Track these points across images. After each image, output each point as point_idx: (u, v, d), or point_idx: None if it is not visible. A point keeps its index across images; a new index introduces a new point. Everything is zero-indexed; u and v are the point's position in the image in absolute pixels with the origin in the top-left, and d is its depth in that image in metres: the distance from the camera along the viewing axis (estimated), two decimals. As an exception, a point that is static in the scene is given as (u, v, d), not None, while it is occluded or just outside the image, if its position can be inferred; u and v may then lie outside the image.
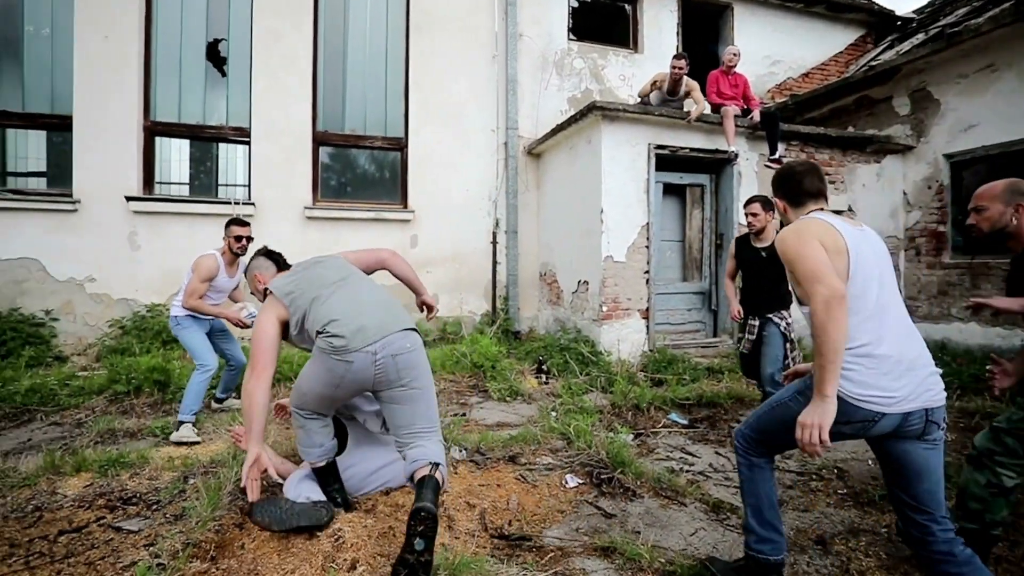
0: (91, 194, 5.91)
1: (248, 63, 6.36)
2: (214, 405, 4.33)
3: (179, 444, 3.52)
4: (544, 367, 5.37)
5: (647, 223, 5.43)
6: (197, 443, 3.54)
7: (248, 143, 6.40)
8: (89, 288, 5.98)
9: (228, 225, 3.95)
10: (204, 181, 7.52)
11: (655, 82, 5.76)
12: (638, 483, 2.88)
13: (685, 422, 4.03)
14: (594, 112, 5.25)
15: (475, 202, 6.92)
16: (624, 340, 5.48)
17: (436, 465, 2.19)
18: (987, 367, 2.19)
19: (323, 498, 2.37)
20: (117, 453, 3.14)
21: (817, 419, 1.63)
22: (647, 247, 5.48)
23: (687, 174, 6.02)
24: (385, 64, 6.92)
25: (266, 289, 2.54)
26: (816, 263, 1.67)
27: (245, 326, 3.82)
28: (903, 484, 1.79)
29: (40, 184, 6.15)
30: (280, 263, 2.79)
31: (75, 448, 3.48)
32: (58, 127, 5.98)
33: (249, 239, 3.95)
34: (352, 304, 2.34)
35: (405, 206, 6.79)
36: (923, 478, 1.76)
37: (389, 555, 2.05)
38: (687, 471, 3.13)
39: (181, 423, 3.64)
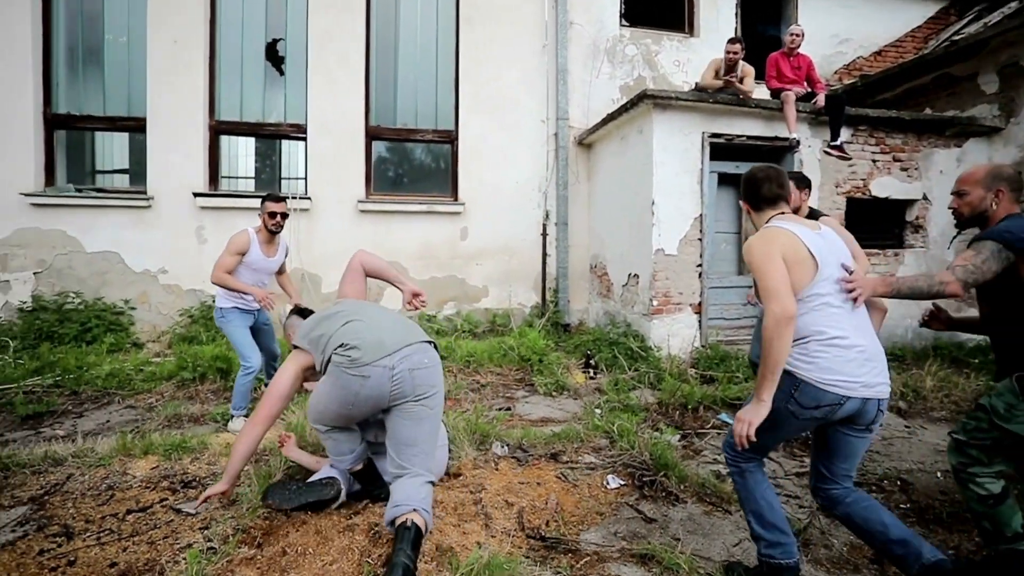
0: (163, 191, 6.27)
1: (304, 61, 6.55)
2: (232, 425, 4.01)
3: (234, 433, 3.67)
4: (592, 362, 5.31)
5: (700, 215, 5.24)
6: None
7: (305, 139, 6.60)
8: (162, 279, 6.37)
9: (263, 201, 3.80)
10: (268, 176, 7.82)
11: (716, 69, 5.52)
12: (682, 487, 2.81)
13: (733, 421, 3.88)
14: (645, 101, 5.09)
15: (525, 194, 6.89)
16: (675, 335, 5.33)
17: (426, 513, 2.10)
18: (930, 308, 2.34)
19: (334, 475, 2.48)
20: (180, 438, 3.34)
21: (749, 417, 1.85)
22: (700, 240, 5.29)
23: (744, 163, 5.75)
24: (435, 57, 6.96)
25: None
26: (776, 282, 1.84)
27: (270, 307, 3.78)
28: (827, 460, 2.03)
29: (125, 181, 6.57)
30: (305, 316, 2.82)
31: (145, 431, 3.73)
32: (134, 128, 6.36)
33: (284, 215, 3.81)
34: (369, 322, 2.38)
35: (455, 198, 6.84)
36: (847, 459, 1.99)
37: (424, 553, 2.08)
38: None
39: (233, 416, 3.79)
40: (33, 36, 6.09)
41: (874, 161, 5.82)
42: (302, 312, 2.91)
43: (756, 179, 2.14)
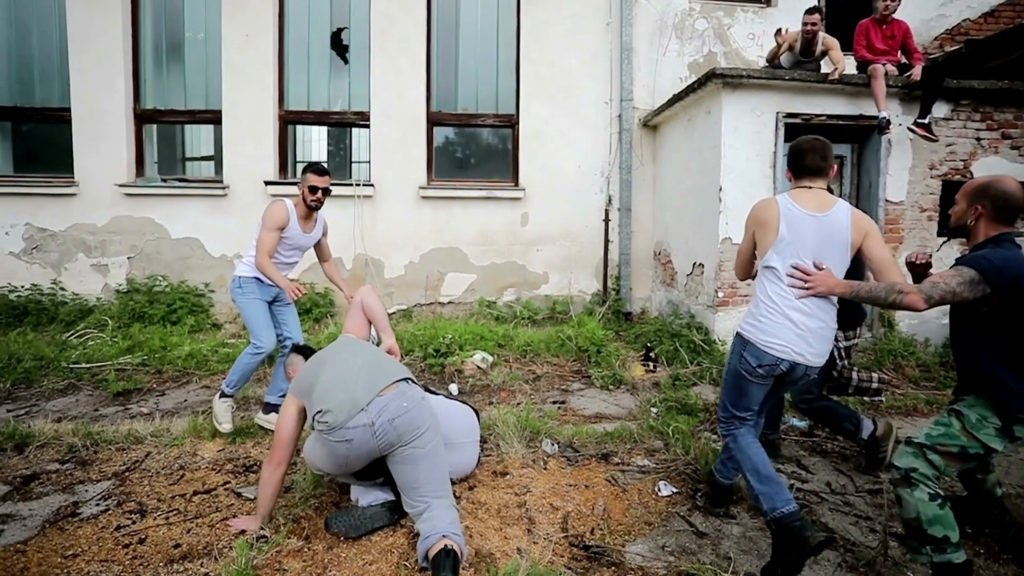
0: (237, 180, 6.57)
1: (367, 49, 6.62)
2: (260, 417, 3.65)
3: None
4: (652, 354, 5.13)
5: (772, 201, 4.89)
6: (227, 430, 3.32)
7: (368, 126, 6.70)
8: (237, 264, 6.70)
9: (304, 171, 3.41)
10: (340, 163, 8.03)
11: (785, 43, 5.09)
12: (737, 499, 2.65)
13: (804, 425, 3.64)
14: (713, 80, 4.77)
15: (587, 178, 6.70)
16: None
17: (457, 537, 2.02)
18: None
19: (392, 498, 2.43)
20: (243, 422, 3.51)
21: None
22: (772, 228, 4.94)
23: (825, 144, 5.32)
24: (496, 40, 6.84)
25: None
26: (740, 252, 2.53)
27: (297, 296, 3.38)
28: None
29: (211, 168, 6.92)
30: (307, 355, 2.78)
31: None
32: (212, 121, 6.68)
33: (326, 191, 3.41)
34: (337, 375, 2.32)
35: (516, 184, 6.76)
36: (768, 397, 2.39)
37: (465, 558, 2.06)
38: (797, 489, 2.81)
39: (221, 394, 3.39)
40: (123, 37, 6.49)
41: (978, 139, 5.21)
42: (302, 351, 2.89)
43: (802, 149, 2.30)
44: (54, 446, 3.34)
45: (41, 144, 7.03)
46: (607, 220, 6.68)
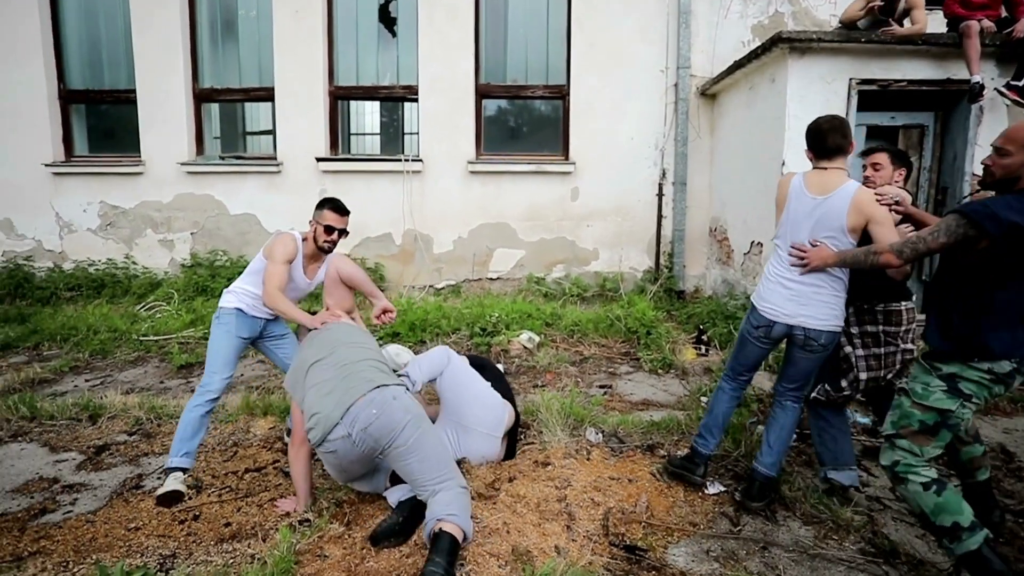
0: (290, 156, 6.68)
1: (415, 20, 6.50)
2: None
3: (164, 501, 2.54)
4: (704, 337, 4.94)
5: (842, 176, 4.52)
6: (181, 497, 2.56)
7: (416, 99, 6.63)
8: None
9: (320, 207, 2.89)
10: (391, 137, 8.00)
11: (866, 4, 4.62)
12: (789, 502, 2.51)
13: (867, 421, 3.40)
14: (779, 45, 4.39)
15: (640, 151, 6.42)
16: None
17: (452, 516, 2.01)
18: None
19: None
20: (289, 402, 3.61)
21: None
22: (841, 205, 4.58)
23: (902, 113, 4.84)
24: (547, 6, 6.56)
25: None
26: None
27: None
28: (783, 370, 2.59)
29: (270, 145, 7.03)
30: None
31: (268, 389, 4.10)
32: (265, 98, 6.79)
33: (343, 233, 2.93)
34: (316, 387, 2.32)
35: (566, 157, 6.57)
36: (790, 367, 2.52)
37: (500, 555, 2.05)
38: (858, 493, 2.64)
39: (168, 470, 2.61)
40: (181, 17, 6.63)
41: (1087, 104, 4.61)
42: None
43: (821, 129, 2.36)
44: (123, 418, 3.55)
45: (112, 125, 7.36)
46: (660, 195, 6.41)
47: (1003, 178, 1.89)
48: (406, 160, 6.52)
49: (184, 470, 2.60)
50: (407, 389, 2.40)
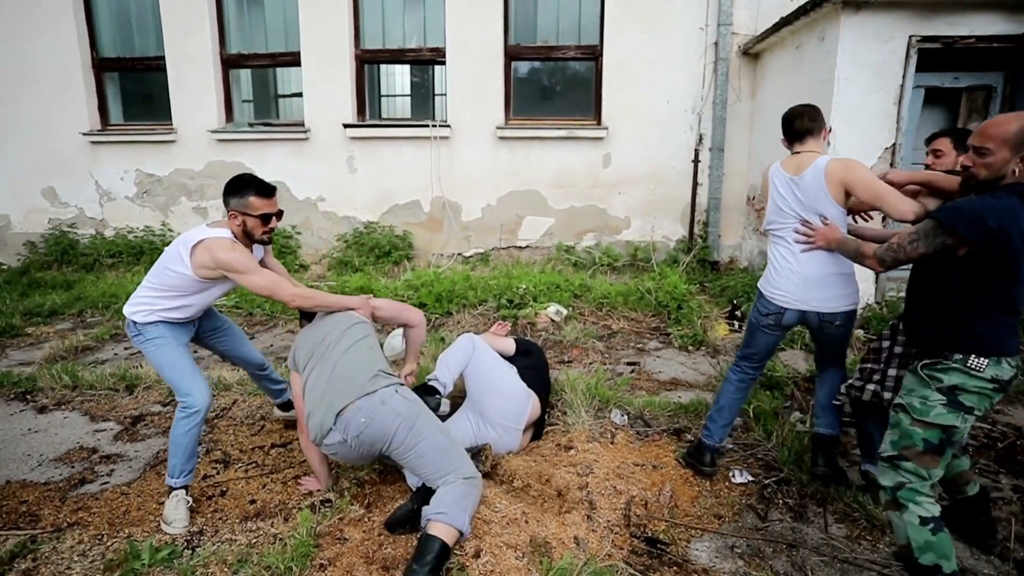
0: (317, 123, 6.62)
1: (442, -22, 6.25)
2: (278, 413, 3.17)
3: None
4: (738, 312, 4.77)
5: (894, 144, 4.20)
6: (177, 530, 2.28)
7: (444, 62, 6.43)
8: (320, 207, 6.89)
9: (238, 193, 2.32)
10: (422, 98, 7.84)
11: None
12: (822, 497, 2.41)
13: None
14: (830, 1, 4.04)
15: (676, 115, 6.12)
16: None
17: (441, 516, 1.96)
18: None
19: None
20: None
21: None
22: (892, 175, 4.28)
23: (966, 74, 4.44)
24: (580, -40, 6.22)
25: None
26: None
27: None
28: (816, 353, 2.61)
29: (299, 109, 6.98)
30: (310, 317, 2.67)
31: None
32: (291, 63, 6.69)
33: (279, 215, 2.44)
34: (311, 389, 2.31)
35: (598, 122, 6.32)
36: (819, 349, 2.54)
37: (517, 546, 2.02)
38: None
39: (171, 490, 2.37)
40: (207, -21, 6.53)
41: None
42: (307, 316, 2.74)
43: (791, 115, 2.42)
44: (157, 389, 3.65)
45: (144, 93, 7.40)
46: (696, 161, 6.13)
47: (988, 180, 1.74)
48: (433, 126, 6.38)
49: (187, 487, 2.41)
50: (396, 390, 2.26)
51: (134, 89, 7.48)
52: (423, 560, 1.83)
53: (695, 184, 6.18)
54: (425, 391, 2.58)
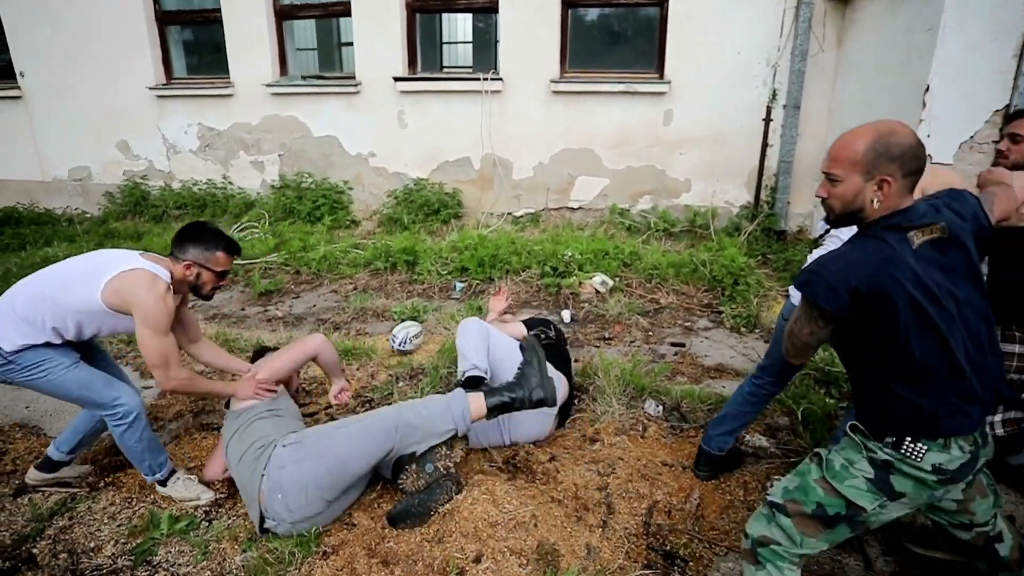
0: (368, 76, 6.47)
1: (497, -83, 5.81)
2: (32, 476, 2.41)
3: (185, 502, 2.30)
4: (801, 291, 4.37)
5: (1007, 106, 3.58)
6: (199, 502, 2.29)
7: (496, 9, 6.07)
8: (372, 162, 6.84)
9: (205, 245, 2.17)
10: (483, 45, 7.51)
11: None
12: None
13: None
14: (944, -70, 3.40)
15: (747, 68, 5.53)
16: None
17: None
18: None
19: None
20: (351, 343, 3.63)
21: None
22: (997, 145, 3.68)
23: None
24: None
25: None
26: None
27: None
28: None
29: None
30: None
31: (335, 324, 4.17)
32: (342, 13, 6.52)
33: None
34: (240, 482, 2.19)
35: (660, 76, 5.83)
36: None
37: (523, 552, 1.93)
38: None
39: (162, 483, 2.29)
40: (259, -76, 6.38)
41: None
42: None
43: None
44: (203, 348, 3.76)
45: (205, 46, 7.48)
46: (768, 119, 5.56)
47: (844, 213, 1.43)
48: (484, 79, 6.09)
49: (173, 471, 2.32)
50: (276, 447, 2.07)
51: (195, 42, 7.57)
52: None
53: (764, 145, 5.64)
54: (472, 384, 2.35)
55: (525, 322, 3.02)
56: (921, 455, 1.34)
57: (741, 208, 5.93)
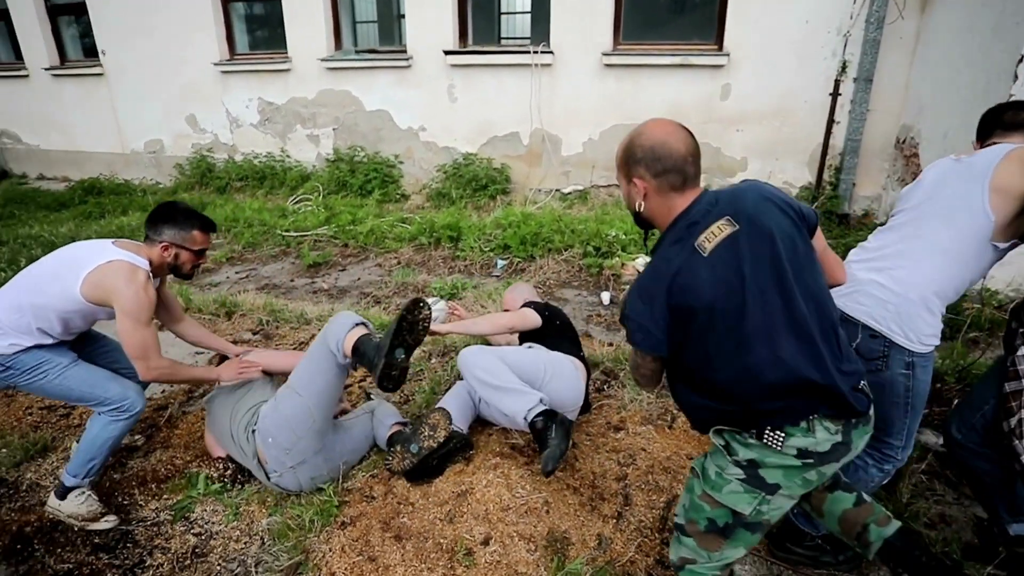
0: (419, 50, 6.46)
1: None
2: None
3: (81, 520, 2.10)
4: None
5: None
6: (100, 517, 2.12)
7: (551, -20, 5.89)
8: (422, 136, 6.87)
9: (180, 224, 2.16)
10: (542, 22, 7.35)
11: None
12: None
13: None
14: None
15: (815, 38, 5.14)
16: (1006, 262, 3.68)
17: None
18: None
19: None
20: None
21: None
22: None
23: None
24: None
25: None
26: None
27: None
28: None
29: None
30: None
31: (375, 297, 4.26)
32: (394, -16, 6.50)
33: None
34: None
35: (719, 47, 5.52)
36: None
37: (532, 538, 1.93)
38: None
39: (66, 489, 2.10)
40: None
41: None
42: None
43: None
44: (251, 317, 3.95)
45: (266, 22, 7.66)
46: (836, 94, 5.17)
47: (646, 222, 1.46)
48: (535, 52, 5.96)
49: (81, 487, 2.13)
50: (255, 412, 2.28)
51: (256, 18, 7.77)
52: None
53: (830, 121, 5.26)
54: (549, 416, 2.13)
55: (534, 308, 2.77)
56: (781, 442, 1.29)
57: (801, 189, 5.60)
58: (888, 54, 4.94)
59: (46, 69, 8.57)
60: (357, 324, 2.15)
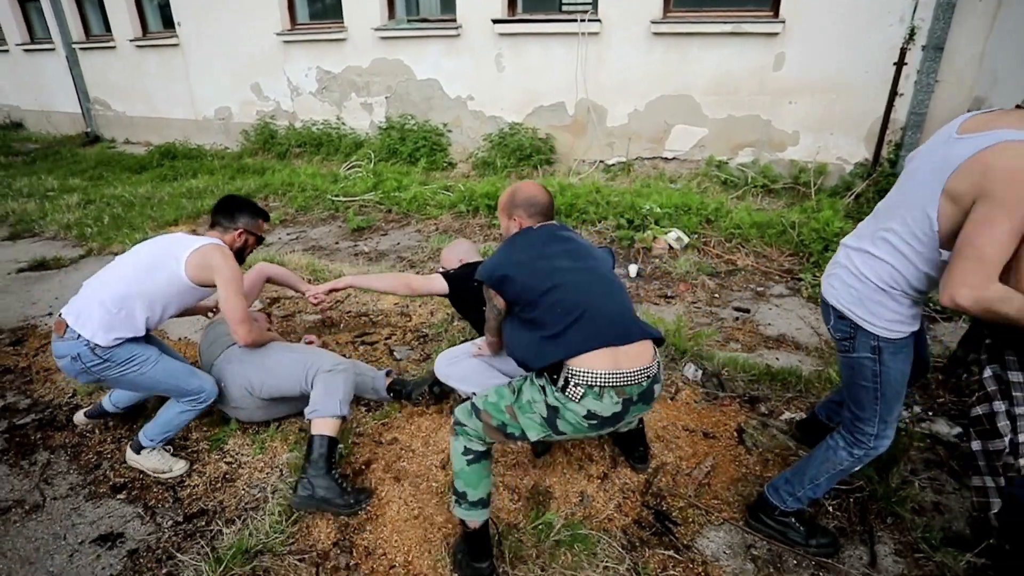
0: (469, 19, 6.50)
1: None
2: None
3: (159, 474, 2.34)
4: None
5: None
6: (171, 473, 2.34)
7: (602, -56, 5.75)
8: (470, 106, 6.96)
9: (253, 214, 2.49)
10: None
11: None
12: (890, 519, 2.02)
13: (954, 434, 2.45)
14: None
15: (881, 2, 4.81)
16: None
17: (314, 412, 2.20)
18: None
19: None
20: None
21: None
22: None
23: None
24: None
25: None
26: None
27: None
28: None
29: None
30: None
31: (411, 262, 4.46)
32: (447, -49, 6.52)
33: None
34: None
35: (775, 14, 5.25)
36: None
37: (517, 489, 2.07)
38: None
39: (141, 446, 2.34)
40: None
41: None
42: None
43: None
44: (294, 276, 4.23)
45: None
46: (901, 63, 4.84)
47: None
48: (582, 20, 5.87)
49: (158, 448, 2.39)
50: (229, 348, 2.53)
51: (317, -12, 7.99)
52: (312, 458, 2.07)
53: (893, 93, 4.94)
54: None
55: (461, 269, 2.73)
56: (578, 397, 1.62)
57: (856, 165, 5.32)
58: (963, 20, 4.55)
59: (130, 40, 9.19)
60: (338, 416, 2.19)
